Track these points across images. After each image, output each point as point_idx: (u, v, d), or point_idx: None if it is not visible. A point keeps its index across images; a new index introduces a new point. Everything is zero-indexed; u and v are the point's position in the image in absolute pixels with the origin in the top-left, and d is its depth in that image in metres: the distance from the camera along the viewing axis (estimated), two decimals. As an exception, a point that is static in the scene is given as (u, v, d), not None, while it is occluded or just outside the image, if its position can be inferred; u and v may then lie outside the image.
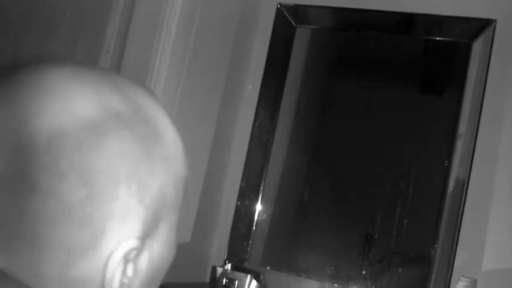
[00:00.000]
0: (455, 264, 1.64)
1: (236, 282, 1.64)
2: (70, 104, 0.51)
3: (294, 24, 1.94)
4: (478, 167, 1.66)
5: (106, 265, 0.51)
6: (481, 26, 1.71)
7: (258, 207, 1.90)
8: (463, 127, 1.69)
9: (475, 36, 1.72)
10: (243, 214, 1.90)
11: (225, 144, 1.95)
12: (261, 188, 1.90)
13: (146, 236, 0.53)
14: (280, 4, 1.93)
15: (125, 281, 0.52)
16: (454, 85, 1.76)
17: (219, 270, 1.68)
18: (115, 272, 0.51)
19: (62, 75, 0.53)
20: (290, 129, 1.95)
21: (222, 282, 1.65)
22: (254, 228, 1.89)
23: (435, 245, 1.68)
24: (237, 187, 1.91)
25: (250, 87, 1.97)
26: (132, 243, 0.52)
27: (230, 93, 1.92)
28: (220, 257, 1.89)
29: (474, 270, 1.63)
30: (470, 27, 1.73)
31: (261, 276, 1.74)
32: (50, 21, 1.56)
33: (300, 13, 1.94)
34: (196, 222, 1.84)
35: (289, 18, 1.94)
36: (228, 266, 1.79)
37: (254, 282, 1.64)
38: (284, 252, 1.91)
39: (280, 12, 1.94)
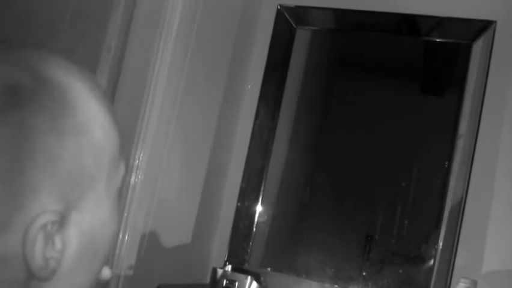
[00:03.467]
0: (455, 265, 1.64)
1: (236, 283, 1.63)
2: None
3: (295, 25, 1.95)
4: (478, 167, 1.66)
5: (23, 242, 0.51)
6: (481, 27, 1.71)
7: (259, 208, 1.90)
8: (463, 127, 1.69)
9: (476, 37, 1.72)
10: (243, 215, 1.90)
11: (226, 145, 1.95)
12: (262, 188, 1.90)
13: (68, 208, 0.53)
14: (280, 5, 1.94)
15: (53, 254, 0.52)
16: (454, 86, 1.76)
17: (219, 271, 1.67)
18: (33, 248, 0.51)
19: None
20: (291, 130, 1.95)
21: (222, 283, 1.65)
22: (254, 229, 1.89)
23: (436, 246, 1.68)
24: (238, 188, 1.91)
25: (249, 86, 1.97)
26: (48, 216, 0.51)
27: (231, 94, 1.92)
28: (221, 258, 1.89)
29: (474, 271, 1.63)
30: (470, 29, 1.73)
31: (262, 278, 1.74)
32: (52, 21, 1.57)
33: (300, 14, 1.94)
34: (197, 223, 1.84)
35: (290, 19, 1.94)
36: (228, 267, 1.79)
37: (254, 284, 1.63)
38: (284, 253, 1.91)
39: (280, 13, 1.94)
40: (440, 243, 1.67)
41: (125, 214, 1.58)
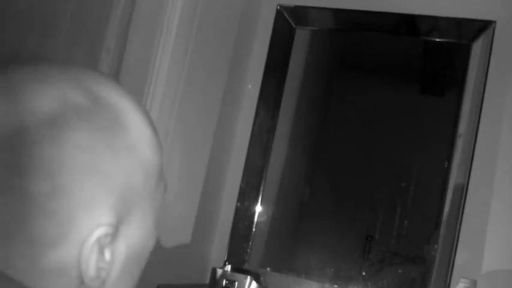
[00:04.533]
0: (455, 265, 1.64)
1: (236, 283, 1.64)
2: (31, 102, 0.53)
3: (294, 25, 1.95)
4: (477, 167, 1.67)
5: (79, 253, 0.53)
6: (481, 27, 1.71)
7: (258, 208, 1.90)
8: (462, 127, 1.70)
9: (475, 37, 1.73)
10: (243, 215, 1.90)
11: (225, 145, 1.95)
12: (261, 188, 1.90)
13: (119, 221, 0.56)
14: (280, 5, 1.94)
15: (103, 265, 0.55)
16: (453, 86, 1.76)
17: (219, 271, 1.68)
18: (89, 259, 0.54)
19: (25, 75, 0.56)
20: (290, 130, 1.96)
21: (222, 283, 1.65)
22: (254, 229, 1.89)
23: (435, 246, 1.68)
24: (237, 188, 1.91)
25: (250, 86, 1.97)
26: (103, 230, 0.54)
27: (230, 94, 1.92)
28: (220, 258, 1.89)
29: (474, 271, 1.63)
30: (470, 29, 1.73)
31: (261, 278, 1.74)
32: (51, 21, 1.56)
33: (299, 14, 1.94)
34: (196, 223, 1.84)
35: (289, 19, 1.94)
36: (228, 267, 1.79)
37: (254, 284, 1.63)
38: (284, 253, 1.91)
39: (280, 13, 1.94)
40: (440, 243, 1.67)
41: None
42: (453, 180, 1.68)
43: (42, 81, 0.55)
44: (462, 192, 1.65)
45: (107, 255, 0.56)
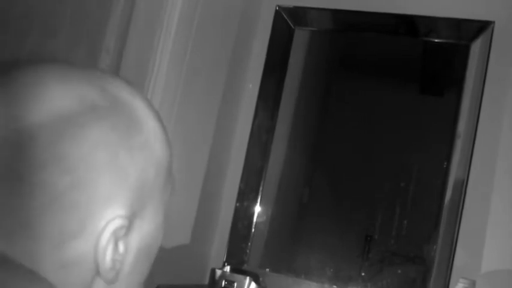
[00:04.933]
0: (454, 265, 1.64)
1: (235, 284, 1.63)
2: (50, 100, 0.56)
3: (293, 26, 1.95)
4: (477, 167, 1.67)
5: (96, 245, 0.56)
6: (480, 27, 1.72)
7: (257, 208, 1.90)
8: (461, 127, 1.70)
9: (474, 37, 1.73)
10: (242, 215, 1.90)
11: (224, 145, 1.95)
12: (260, 189, 1.90)
13: (133, 215, 0.59)
14: (279, 6, 1.94)
15: (118, 257, 0.58)
16: (452, 86, 1.76)
17: (218, 272, 1.67)
18: (106, 250, 0.56)
19: (45, 74, 0.58)
20: (289, 130, 1.96)
21: (221, 284, 1.64)
22: (253, 229, 1.89)
23: (435, 246, 1.68)
24: (236, 188, 1.91)
25: (250, 85, 1.97)
26: (119, 222, 0.57)
27: (229, 94, 1.92)
28: (219, 258, 1.89)
29: (473, 271, 1.63)
30: (468, 29, 1.74)
31: (261, 278, 1.74)
32: (50, 21, 1.56)
33: (298, 15, 1.94)
34: (195, 223, 1.84)
35: (288, 19, 1.94)
36: (227, 268, 1.78)
37: (253, 284, 1.63)
38: (283, 253, 1.91)
39: (279, 14, 1.94)
40: (439, 243, 1.67)
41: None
42: (452, 180, 1.69)
43: (63, 81, 0.58)
44: (461, 192, 1.66)
45: (122, 247, 0.58)
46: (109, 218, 0.56)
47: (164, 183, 0.63)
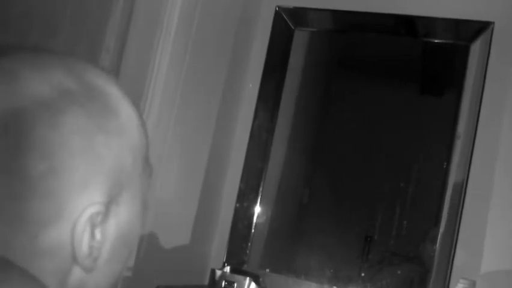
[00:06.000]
0: (454, 266, 1.64)
1: (235, 284, 1.63)
2: (26, 87, 0.55)
3: (293, 27, 1.95)
4: (476, 168, 1.67)
5: (73, 232, 0.55)
6: (479, 28, 1.72)
7: (257, 209, 1.90)
8: (461, 128, 1.70)
9: (473, 38, 1.73)
10: (242, 216, 1.90)
11: (224, 145, 1.95)
12: (260, 189, 1.90)
13: (110, 202, 0.58)
14: (278, 7, 1.94)
15: (95, 244, 0.57)
16: (452, 86, 1.77)
17: (218, 272, 1.67)
18: (82, 237, 0.56)
19: (20, 61, 0.58)
20: (289, 130, 1.96)
21: (221, 284, 1.64)
22: (253, 230, 1.89)
23: (435, 246, 1.68)
24: (236, 189, 1.91)
25: (250, 85, 1.97)
26: (95, 208, 0.56)
27: (229, 95, 1.92)
28: (219, 259, 1.88)
29: (473, 272, 1.63)
30: (468, 29, 1.74)
31: (260, 279, 1.74)
32: (51, 21, 1.57)
33: (298, 15, 1.94)
34: (195, 224, 1.84)
35: (288, 20, 1.94)
36: (227, 269, 1.78)
37: (253, 285, 1.63)
38: (283, 254, 1.91)
39: (278, 14, 1.94)
40: (439, 244, 1.67)
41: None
42: (452, 180, 1.69)
43: (39, 68, 0.58)
44: (461, 192, 1.66)
45: (98, 234, 0.57)
46: (85, 204, 0.56)
47: (141, 171, 0.63)
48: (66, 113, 0.55)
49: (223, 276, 1.66)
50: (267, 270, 1.84)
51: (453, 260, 1.64)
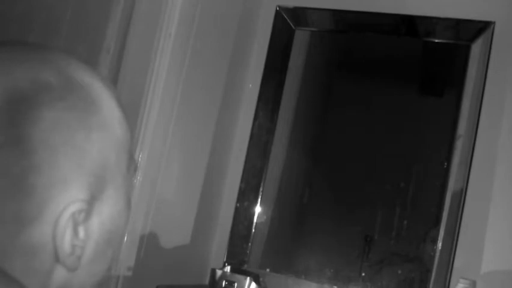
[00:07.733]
0: (454, 266, 1.64)
1: (235, 284, 1.63)
2: (3, 81, 0.54)
3: (293, 27, 1.95)
4: (477, 168, 1.67)
5: (54, 230, 0.54)
6: (480, 28, 1.72)
7: (258, 208, 1.90)
8: (462, 128, 1.70)
9: (474, 38, 1.73)
10: (242, 216, 1.90)
11: (225, 146, 1.95)
12: (261, 189, 1.90)
13: (93, 198, 0.57)
14: (279, 6, 1.94)
15: (78, 243, 0.56)
16: (453, 86, 1.76)
17: (218, 272, 1.67)
18: (64, 235, 0.54)
19: (0, 55, 0.57)
20: (289, 131, 1.96)
21: (222, 284, 1.64)
22: (253, 230, 1.89)
23: (435, 246, 1.68)
24: (237, 189, 1.91)
25: (250, 85, 1.97)
26: (77, 205, 0.55)
27: (230, 95, 1.92)
28: (220, 259, 1.89)
29: (473, 272, 1.63)
30: (469, 29, 1.73)
31: (261, 279, 1.74)
32: (51, 21, 1.57)
33: (299, 15, 1.94)
34: (196, 224, 1.84)
35: (288, 20, 1.94)
36: (228, 268, 1.78)
37: (253, 285, 1.63)
38: (284, 254, 1.91)
39: (279, 14, 1.94)
40: (439, 244, 1.67)
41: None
42: (452, 180, 1.69)
43: (15, 61, 0.56)
44: (461, 192, 1.66)
45: (81, 232, 0.56)
46: (67, 202, 0.54)
47: (125, 168, 0.62)
48: (45, 108, 0.54)
49: (224, 276, 1.66)
50: (268, 270, 1.84)
51: (453, 260, 1.64)
